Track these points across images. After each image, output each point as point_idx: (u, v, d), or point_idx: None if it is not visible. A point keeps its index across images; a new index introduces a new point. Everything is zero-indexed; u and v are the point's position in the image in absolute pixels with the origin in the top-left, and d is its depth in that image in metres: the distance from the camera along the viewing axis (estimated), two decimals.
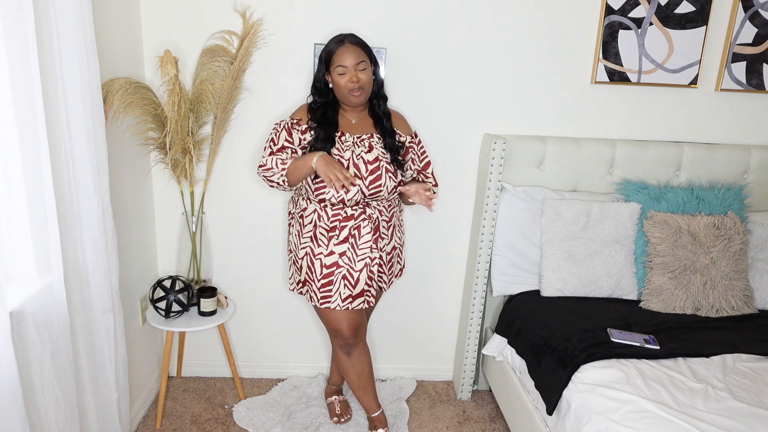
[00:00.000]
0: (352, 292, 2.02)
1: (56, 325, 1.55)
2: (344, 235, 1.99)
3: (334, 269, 2.01)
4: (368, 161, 1.97)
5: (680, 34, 2.35)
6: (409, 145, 2.11)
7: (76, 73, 1.58)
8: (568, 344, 1.95)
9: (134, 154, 2.23)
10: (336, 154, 1.97)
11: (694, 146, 2.44)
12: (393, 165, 2.01)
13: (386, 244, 2.09)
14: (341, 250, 2.00)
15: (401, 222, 2.20)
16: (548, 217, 2.32)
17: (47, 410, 1.54)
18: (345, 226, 1.99)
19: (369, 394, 2.24)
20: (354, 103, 1.99)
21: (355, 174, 1.95)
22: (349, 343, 2.12)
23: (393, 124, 2.08)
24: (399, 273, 2.24)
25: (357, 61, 1.92)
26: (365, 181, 1.96)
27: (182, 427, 2.34)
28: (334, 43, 1.95)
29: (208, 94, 2.16)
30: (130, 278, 2.25)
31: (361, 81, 1.93)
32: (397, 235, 2.16)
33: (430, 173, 2.17)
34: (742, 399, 1.70)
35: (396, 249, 2.16)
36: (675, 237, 2.25)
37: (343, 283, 2.01)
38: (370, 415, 2.27)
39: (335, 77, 1.95)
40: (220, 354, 2.67)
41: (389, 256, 2.12)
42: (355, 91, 1.94)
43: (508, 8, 2.29)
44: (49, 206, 1.49)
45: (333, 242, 2.00)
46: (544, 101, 2.42)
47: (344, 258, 2.00)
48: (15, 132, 1.41)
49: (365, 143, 2.01)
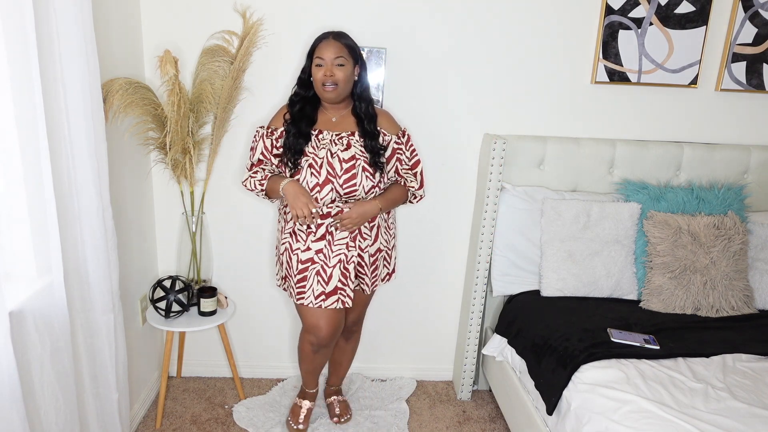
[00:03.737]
0: (325, 288, 2.01)
1: (56, 325, 1.55)
2: (321, 232, 1.99)
3: (308, 265, 2.01)
4: (344, 159, 1.95)
5: (680, 34, 2.35)
6: (397, 145, 2.06)
7: (76, 73, 1.58)
8: (568, 344, 1.95)
9: (134, 154, 2.23)
10: (311, 152, 1.96)
11: (694, 146, 2.44)
12: (372, 166, 1.98)
13: (369, 245, 2.06)
14: (318, 247, 2.00)
15: (390, 225, 2.17)
16: (548, 217, 2.32)
17: (47, 410, 1.54)
18: (322, 224, 1.99)
19: (315, 377, 2.31)
20: (327, 98, 1.97)
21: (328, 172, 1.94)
22: (322, 344, 2.12)
23: (378, 123, 2.04)
24: (387, 278, 2.20)
25: (335, 56, 1.91)
26: (339, 180, 1.94)
27: (182, 427, 2.34)
28: (320, 37, 1.97)
29: (208, 94, 2.16)
30: (130, 278, 2.25)
31: (335, 76, 1.92)
32: (384, 237, 2.12)
33: (417, 173, 2.12)
34: (742, 399, 1.70)
35: (381, 251, 2.12)
36: (675, 237, 2.25)
37: (317, 279, 2.01)
38: (307, 390, 2.33)
39: (313, 70, 1.96)
40: (220, 354, 2.67)
41: (373, 257, 2.09)
42: (328, 86, 1.93)
43: (508, 8, 2.29)
44: (49, 206, 1.49)
45: (310, 239, 2.00)
46: (544, 101, 2.42)
47: (320, 255, 2.00)
48: (15, 132, 1.41)
49: (343, 141, 1.99)
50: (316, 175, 1.94)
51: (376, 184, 2.01)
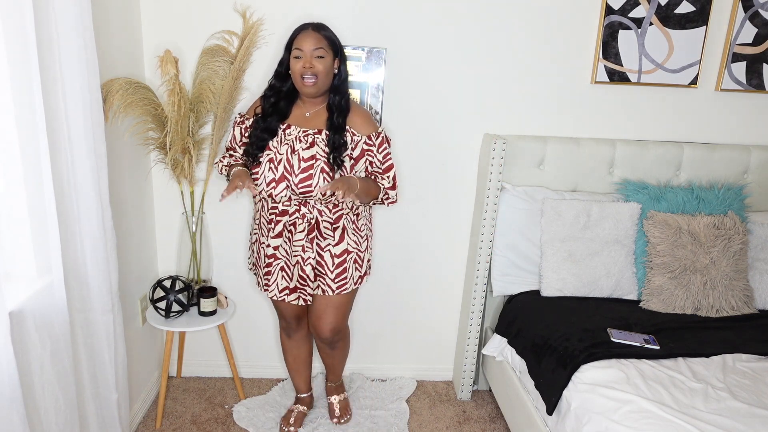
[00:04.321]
0: (289, 284, 2.04)
1: (56, 326, 1.55)
2: (278, 229, 1.99)
3: (272, 260, 2.02)
4: (303, 158, 1.91)
5: (680, 34, 2.35)
6: (367, 146, 1.97)
7: (76, 73, 1.58)
8: (568, 344, 1.95)
9: (134, 154, 2.23)
10: (273, 146, 1.94)
11: (694, 146, 2.44)
12: (331, 165, 1.90)
13: (331, 245, 1.99)
14: (276, 243, 2.01)
15: (360, 227, 2.06)
16: (548, 217, 2.32)
17: (47, 410, 1.54)
18: (280, 221, 1.98)
19: (300, 376, 2.37)
20: (306, 92, 1.92)
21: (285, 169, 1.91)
22: (291, 327, 2.25)
23: (350, 120, 1.96)
24: (359, 280, 2.10)
25: (314, 47, 1.87)
26: (295, 178, 1.91)
27: (182, 427, 2.34)
28: (298, 28, 1.93)
29: (209, 93, 2.16)
30: (130, 278, 2.25)
31: (315, 68, 1.87)
32: (352, 238, 2.03)
33: (390, 176, 2.01)
34: (742, 399, 1.70)
35: (351, 253, 2.03)
36: (675, 237, 2.25)
37: (281, 275, 2.03)
38: (298, 395, 2.40)
39: (291, 62, 1.92)
40: (220, 354, 2.67)
41: (339, 258, 2.01)
42: (307, 79, 1.88)
43: (508, 8, 2.29)
44: (49, 206, 1.49)
45: (270, 234, 2.01)
46: (544, 101, 2.42)
47: (280, 251, 2.01)
48: (15, 132, 1.41)
49: (308, 139, 1.94)
50: (273, 171, 1.92)
51: None
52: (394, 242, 2.56)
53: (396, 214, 2.51)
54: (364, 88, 2.32)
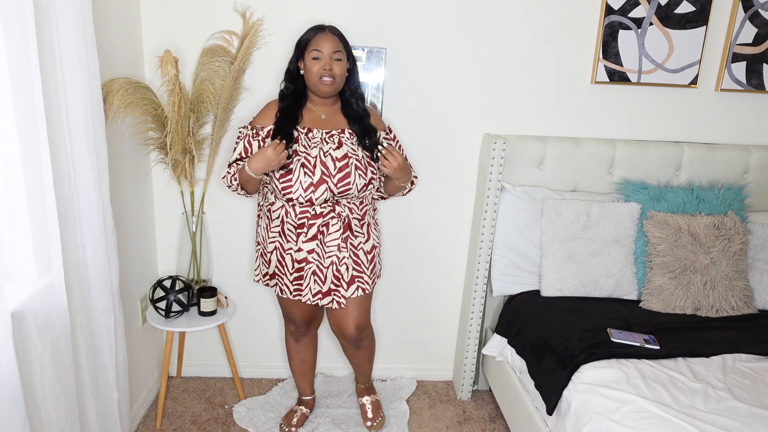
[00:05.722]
0: (322, 288, 2.01)
1: (57, 326, 1.55)
2: (312, 232, 1.96)
3: (304, 265, 2.00)
4: (337, 158, 1.92)
5: (680, 34, 2.35)
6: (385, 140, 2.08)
7: (76, 73, 1.58)
8: (568, 344, 1.95)
9: (134, 154, 2.23)
10: (302, 151, 1.92)
11: (694, 146, 2.44)
12: (364, 162, 1.96)
13: (363, 243, 2.04)
14: (309, 247, 1.97)
15: (376, 221, 2.16)
16: (548, 217, 2.32)
17: (48, 410, 1.54)
18: (313, 224, 1.96)
19: (305, 380, 2.37)
20: (323, 92, 1.94)
21: (322, 172, 1.91)
22: (300, 332, 2.24)
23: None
24: (379, 274, 2.17)
25: (333, 49, 1.90)
26: (333, 179, 1.91)
27: (182, 427, 2.34)
28: (314, 29, 1.94)
29: (209, 94, 2.16)
30: (130, 278, 2.25)
31: (333, 71, 1.90)
32: (374, 233, 2.10)
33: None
34: (742, 399, 1.70)
35: (376, 248, 2.11)
36: (675, 237, 2.25)
37: (313, 279, 2.01)
38: (302, 397, 2.40)
39: (308, 62, 1.92)
40: (220, 354, 2.67)
41: (370, 255, 2.06)
42: (326, 79, 1.90)
43: (508, 8, 2.29)
44: (50, 206, 1.49)
45: (301, 239, 1.97)
46: (544, 101, 2.42)
47: (313, 254, 1.98)
48: (15, 132, 1.41)
49: (335, 139, 1.96)
50: (309, 175, 1.91)
51: (369, 181, 1.98)
52: (394, 242, 2.56)
53: (396, 213, 2.51)
54: (364, 88, 2.32)
